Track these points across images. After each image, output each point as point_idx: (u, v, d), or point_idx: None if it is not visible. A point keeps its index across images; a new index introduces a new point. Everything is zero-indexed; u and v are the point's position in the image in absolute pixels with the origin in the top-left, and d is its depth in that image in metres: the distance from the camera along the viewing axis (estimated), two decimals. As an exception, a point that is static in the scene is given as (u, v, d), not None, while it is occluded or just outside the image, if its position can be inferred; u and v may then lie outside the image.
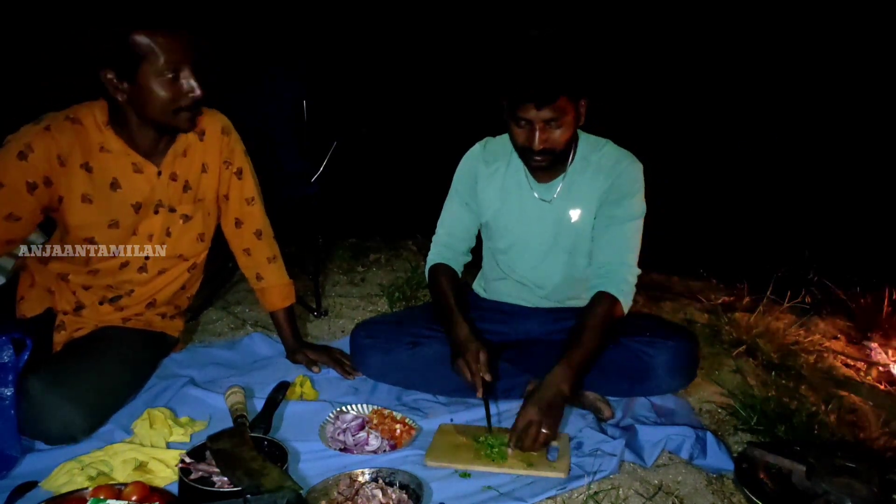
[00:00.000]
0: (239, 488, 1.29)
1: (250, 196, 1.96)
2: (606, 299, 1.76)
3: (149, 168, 1.74)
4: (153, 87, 1.57)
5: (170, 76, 1.56)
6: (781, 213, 4.12)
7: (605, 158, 1.87)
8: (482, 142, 2.02)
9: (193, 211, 1.86)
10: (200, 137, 1.83)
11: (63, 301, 1.83)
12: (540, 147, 1.71)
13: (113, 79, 1.57)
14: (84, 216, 1.71)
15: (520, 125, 1.71)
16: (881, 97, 4.15)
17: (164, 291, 1.90)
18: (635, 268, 1.82)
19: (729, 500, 1.48)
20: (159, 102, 1.59)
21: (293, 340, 2.10)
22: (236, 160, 1.91)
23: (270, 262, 2.03)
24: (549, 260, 1.95)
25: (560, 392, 1.60)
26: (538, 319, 2.02)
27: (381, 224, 3.98)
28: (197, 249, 1.91)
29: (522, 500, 1.41)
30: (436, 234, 2.06)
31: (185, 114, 1.63)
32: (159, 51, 1.53)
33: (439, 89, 4.95)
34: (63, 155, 1.64)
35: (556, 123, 1.69)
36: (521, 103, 1.66)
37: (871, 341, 2.53)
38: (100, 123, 1.68)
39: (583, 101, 1.73)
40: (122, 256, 1.79)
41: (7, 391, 1.51)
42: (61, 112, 1.67)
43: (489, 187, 1.95)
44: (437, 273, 1.98)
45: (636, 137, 1.94)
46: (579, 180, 1.88)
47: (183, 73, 1.58)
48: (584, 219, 1.88)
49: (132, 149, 1.71)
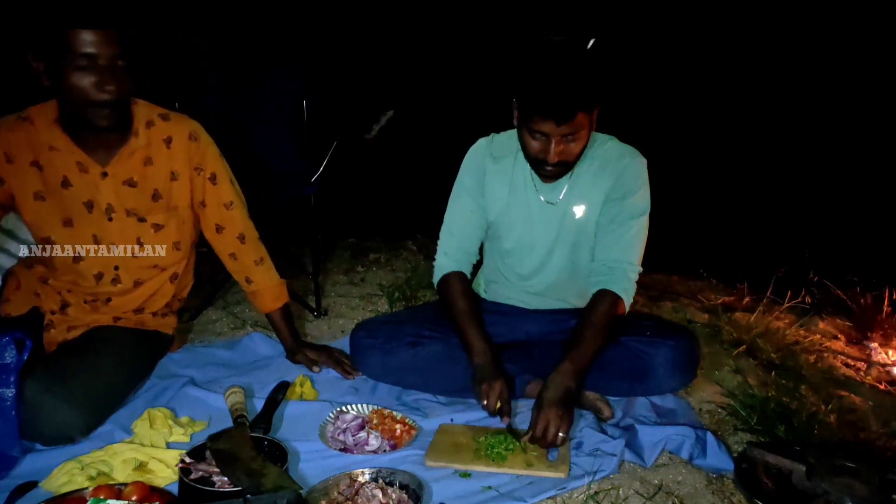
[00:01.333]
0: (239, 488, 1.29)
1: (228, 201, 1.93)
2: (608, 297, 1.76)
3: (93, 167, 1.74)
4: (70, 79, 1.58)
5: (83, 67, 1.57)
6: (781, 212, 4.12)
7: (609, 154, 1.86)
8: (488, 137, 1.98)
9: (166, 220, 1.85)
10: (167, 145, 1.81)
11: (49, 301, 1.84)
12: (555, 160, 1.69)
13: (40, 67, 1.60)
14: (37, 214, 1.74)
15: (535, 137, 1.68)
16: (881, 97, 4.15)
17: (151, 302, 1.91)
18: (638, 266, 1.82)
19: (729, 500, 1.48)
20: (75, 94, 1.59)
21: (292, 340, 2.10)
22: (208, 165, 1.88)
23: (258, 264, 2.02)
24: (552, 259, 1.94)
25: (569, 389, 1.61)
26: (539, 320, 2.02)
27: (381, 224, 3.98)
28: (174, 258, 1.90)
29: (522, 500, 1.41)
30: (442, 237, 1.99)
31: (102, 110, 1.62)
32: (76, 43, 1.55)
33: (439, 89, 4.94)
34: (10, 153, 1.68)
35: (573, 137, 1.66)
36: (540, 118, 1.63)
37: (871, 341, 2.53)
38: (50, 121, 1.70)
39: (596, 109, 1.71)
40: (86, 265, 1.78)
41: (9, 392, 1.51)
42: (12, 115, 1.71)
43: (497, 183, 1.93)
44: (450, 285, 1.91)
45: (636, 137, 1.93)
46: (584, 177, 1.87)
47: (99, 67, 1.58)
48: (588, 215, 1.87)
49: (78, 146, 1.72)
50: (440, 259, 1.97)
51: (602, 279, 1.80)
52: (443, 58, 4.90)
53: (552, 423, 1.56)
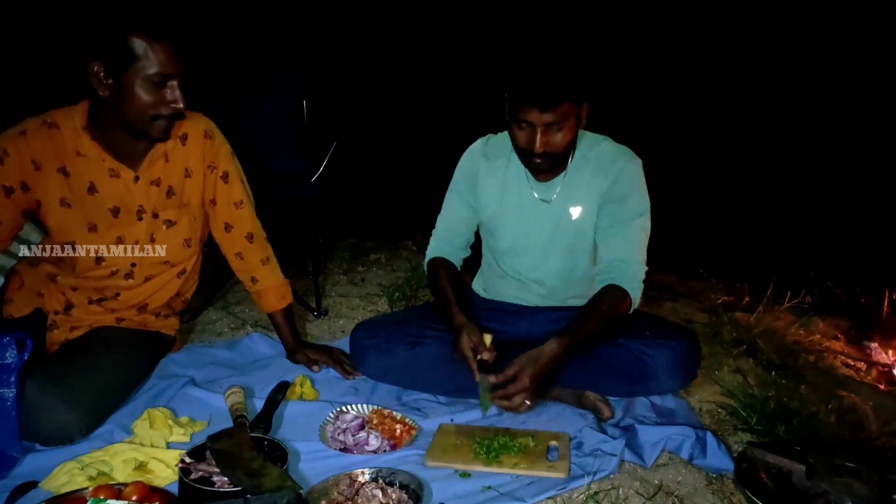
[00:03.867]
0: (239, 488, 1.29)
1: (238, 199, 1.94)
2: (617, 291, 1.78)
3: (125, 173, 1.75)
4: (136, 90, 1.58)
5: (155, 82, 1.58)
6: (781, 213, 4.12)
7: (604, 155, 1.87)
8: (484, 138, 2.02)
9: (178, 216, 1.86)
10: (182, 142, 1.82)
11: (53, 301, 1.83)
12: (540, 150, 1.71)
13: (100, 72, 1.58)
14: (63, 220, 1.73)
15: (521, 127, 1.72)
16: (881, 98, 4.15)
17: (155, 297, 1.91)
18: (644, 266, 1.83)
19: (729, 500, 1.48)
20: (139, 106, 1.60)
21: (293, 340, 2.10)
22: (221, 164, 1.90)
23: (264, 264, 2.03)
24: (548, 259, 1.95)
25: (552, 351, 1.66)
26: (538, 319, 2.02)
27: (381, 224, 3.98)
28: (184, 255, 1.90)
29: (522, 500, 1.41)
30: (435, 228, 2.08)
31: (162, 123, 1.64)
32: (153, 56, 1.56)
33: (438, 89, 4.95)
34: (38, 159, 1.66)
35: (558, 127, 1.69)
36: (525, 105, 1.67)
37: (871, 341, 2.53)
38: (77, 127, 1.69)
39: (585, 105, 1.73)
40: (106, 264, 1.78)
41: (9, 392, 1.50)
42: (40, 117, 1.69)
43: (489, 183, 1.95)
44: (435, 266, 2.01)
45: (635, 137, 1.93)
46: (579, 178, 1.88)
47: (170, 83, 1.60)
48: (585, 216, 1.88)
49: (109, 153, 1.71)
50: (430, 248, 2.07)
51: (611, 276, 1.81)
52: (443, 58, 4.90)
53: (519, 381, 1.60)
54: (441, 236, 2.05)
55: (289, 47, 4.21)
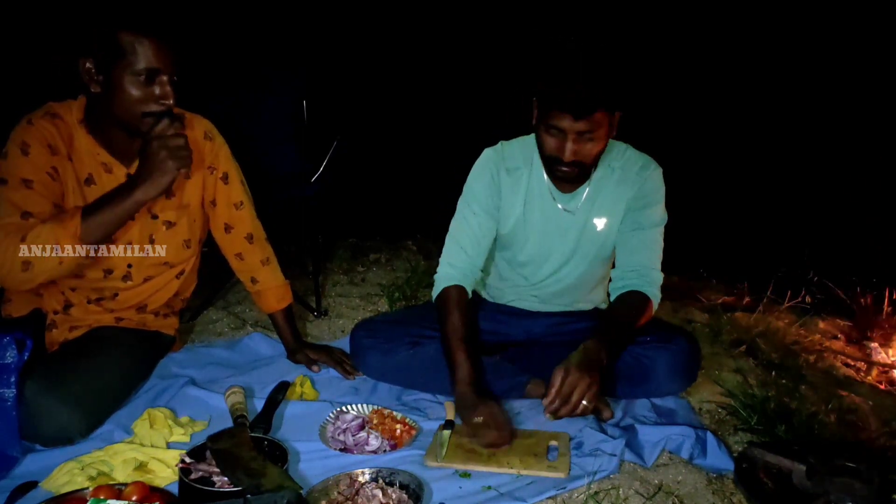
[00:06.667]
0: (239, 488, 1.29)
1: (238, 200, 1.94)
2: (642, 298, 1.77)
3: (118, 169, 1.74)
4: (125, 85, 1.58)
5: (144, 78, 1.58)
6: (781, 213, 4.12)
7: (629, 164, 1.84)
8: (496, 147, 1.91)
9: (177, 217, 1.85)
10: None
11: (52, 301, 1.83)
12: (570, 158, 1.64)
13: (91, 68, 1.59)
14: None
15: (551, 133, 1.65)
16: (881, 97, 4.15)
17: (154, 297, 1.90)
18: (661, 274, 1.83)
19: (729, 500, 1.48)
20: (128, 101, 1.59)
21: (293, 340, 2.10)
22: (221, 165, 1.90)
23: (264, 264, 2.03)
24: (568, 269, 1.92)
25: (597, 359, 1.53)
26: (540, 321, 2.02)
27: (381, 224, 3.98)
28: (184, 256, 1.90)
29: (522, 500, 1.41)
30: (448, 246, 1.89)
31: (151, 120, 1.63)
32: (140, 52, 1.55)
33: (438, 89, 4.94)
34: (53, 145, 1.66)
35: (590, 136, 1.62)
36: (557, 112, 1.60)
37: (871, 341, 2.53)
38: (75, 121, 1.69)
39: (617, 114, 1.67)
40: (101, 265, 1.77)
41: (9, 392, 1.50)
42: (39, 109, 1.69)
43: (512, 195, 1.87)
44: (449, 299, 1.80)
45: (635, 138, 1.93)
46: (605, 188, 1.84)
47: (159, 79, 1.59)
48: (610, 227, 1.85)
49: (103, 148, 1.71)
50: (444, 269, 1.87)
51: (633, 282, 1.79)
52: (442, 58, 4.90)
53: (578, 387, 1.46)
54: (459, 257, 1.85)
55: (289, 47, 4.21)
